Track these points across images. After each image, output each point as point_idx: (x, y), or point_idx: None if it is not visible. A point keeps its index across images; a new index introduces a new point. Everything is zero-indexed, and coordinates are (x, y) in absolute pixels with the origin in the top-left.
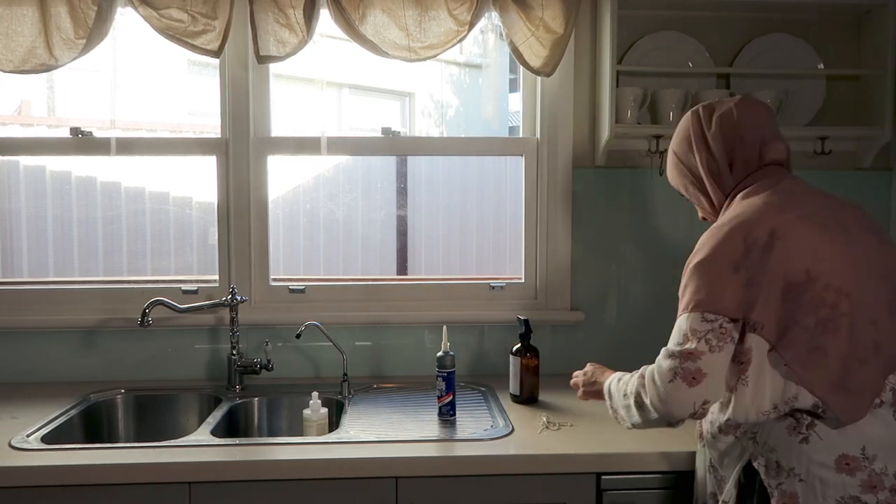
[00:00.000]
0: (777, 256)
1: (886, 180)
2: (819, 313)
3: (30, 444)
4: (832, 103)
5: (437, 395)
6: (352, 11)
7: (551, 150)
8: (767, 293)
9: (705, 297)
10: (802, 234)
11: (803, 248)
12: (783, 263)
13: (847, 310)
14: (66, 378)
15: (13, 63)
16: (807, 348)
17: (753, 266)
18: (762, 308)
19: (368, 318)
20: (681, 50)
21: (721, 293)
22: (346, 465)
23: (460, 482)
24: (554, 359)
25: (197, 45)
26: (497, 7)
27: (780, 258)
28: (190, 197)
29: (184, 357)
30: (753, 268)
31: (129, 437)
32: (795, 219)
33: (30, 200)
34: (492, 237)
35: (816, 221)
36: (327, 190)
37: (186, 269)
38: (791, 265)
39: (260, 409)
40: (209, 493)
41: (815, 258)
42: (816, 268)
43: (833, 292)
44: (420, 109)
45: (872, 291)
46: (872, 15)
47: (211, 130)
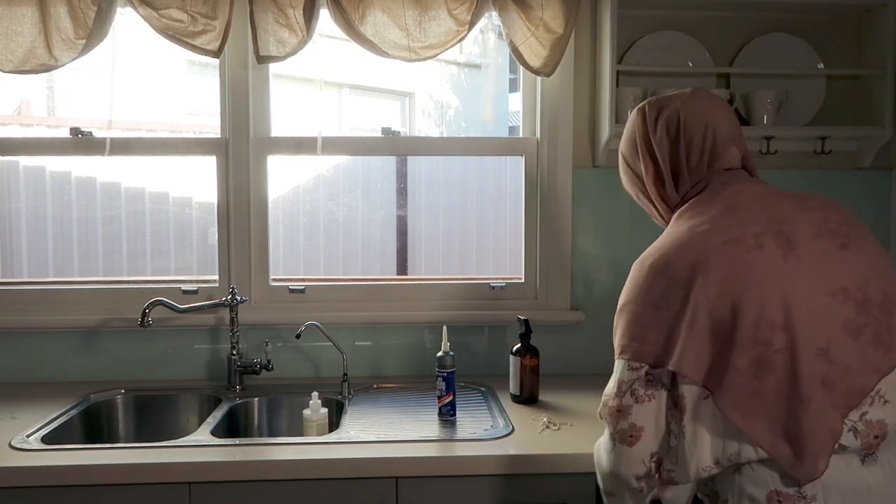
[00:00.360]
0: (698, 293)
1: (886, 180)
2: (751, 353)
3: (30, 444)
4: (832, 103)
5: (437, 395)
6: (352, 11)
7: (551, 150)
8: (691, 335)
9: (628, 342)
10: (727, 262)
11: (727, 279)
12: (706, 299)
13: (783, 344)
14: (66, 378)
15: (13, 63)
16: (744, 394)
17: (674, 305)
18: (687, 352)
19: (368, 318)
20: (681, 50)
21: (644, 338)
22: (346, 465)
23: (460, 482)
24: (554, 359)
25: (197, 45)
26: (497, 7)
27: (702, 294)
28: (190, 197)
29: (184, 357)
30: (674, 307)
31: (129, 438)
32: (720, 245)
33: (30, 200)
34: (492, 237)
35: (746, 244)
36: (327, 190)
37: (186, 269)
38: (715, 300)
39: (260, 409)
40: (209, 493)
41: (742, 289)
42: (743, 300)
43: (766, 326)
44: (420, 109)
45: (820, 315)
46: (872, 15)
47: (211, 130)
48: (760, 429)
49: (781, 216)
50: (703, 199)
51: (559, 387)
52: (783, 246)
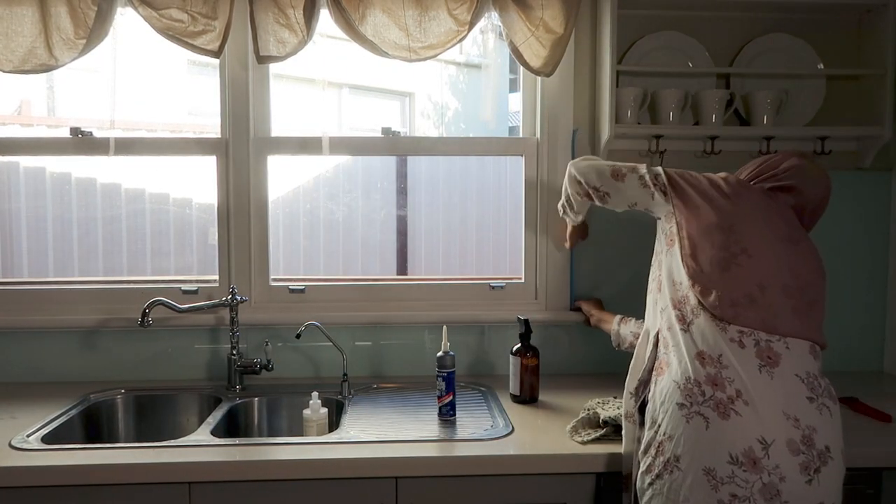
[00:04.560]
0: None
1: (886, 180)
2: (719, 253)
3: (30, 444)
4: (832, 103)
5: (437, 395)
6: (352, 11)
7: (551, 150)
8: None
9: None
10: (749, 208)
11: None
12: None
13: (742, 262)
14: (66, 378)
15: (13, 63)
16: (702, 261)
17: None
18: (691, 213)
19: (368, 318)
20: (681, 50)
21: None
22: (346, 465)
23: (460, 482)
24: (554, 359)
25: (197, 45)
26: (497, 7)
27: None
28: (190, 197)
29: (184, 357)
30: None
31: (129, 437)
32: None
33: (30, 201)
34: (492, 237)
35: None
36: (327, 190)
37: (186, 269)
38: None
39: (260, 409)
40: (209, 493)
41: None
42: (739, 227)
43: (740, 248)
44: (420, 109)
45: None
46: (872, 15)
47: (211, 130)
48: (702, 277)
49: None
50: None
51: (559, 387)
52: (788, 237)
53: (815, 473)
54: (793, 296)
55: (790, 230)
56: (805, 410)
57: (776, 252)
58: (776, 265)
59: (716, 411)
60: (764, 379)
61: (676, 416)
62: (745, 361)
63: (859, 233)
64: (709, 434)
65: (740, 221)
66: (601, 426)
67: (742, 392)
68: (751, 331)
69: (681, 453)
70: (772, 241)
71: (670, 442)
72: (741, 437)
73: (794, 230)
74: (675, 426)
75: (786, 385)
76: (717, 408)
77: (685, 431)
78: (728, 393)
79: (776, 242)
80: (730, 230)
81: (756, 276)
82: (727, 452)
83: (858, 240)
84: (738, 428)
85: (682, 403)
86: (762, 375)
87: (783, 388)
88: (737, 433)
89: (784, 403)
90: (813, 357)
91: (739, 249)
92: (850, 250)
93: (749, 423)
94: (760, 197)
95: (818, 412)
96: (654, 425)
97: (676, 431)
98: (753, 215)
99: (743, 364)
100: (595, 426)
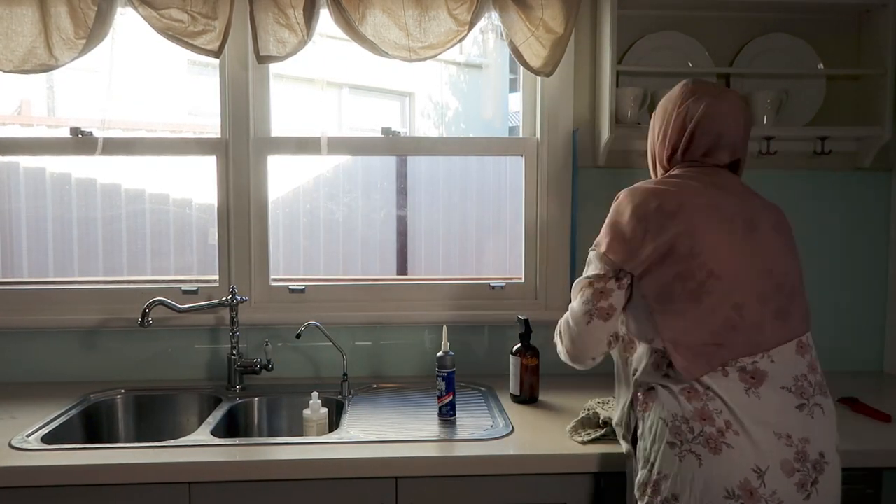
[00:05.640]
0: (674, 228)
1: (886, 180)
2: (687, 284)
3: (30, 444)
4: (832, 103)
5: (437, 395)
6: (352, 11)
7: (551, 150)
8: (653, 252)
9: (609, 243)
10: (704, 218)
11: (697, 229)
12: (675, 234)
13: (713, 289)
14: (66, 378)
15: (13, 63)
16: (672, 307)
17: (654, 227)
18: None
19: (368, 318)
20: (681, 50)
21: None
22: (346, 465)
23: (460, 482)
24: (554, 359)
25: (197, 45)
26: (497, 7)
27: (676, 229)
28: (190, 197)
29: (184, 357)
30: (654, 228)
31: (129, 437)
32: (705, 204)
33: (30, 201)
34: (492, 237)
35: (721, 211)
36: (327, 190)
37: (186, 269)
38: (681, 238)
39: (260, 409)
40: (209, 493)
41: (704, 240)
42: (699, 247)
43: (706, 271)
44: (420, 110)
45: (746, 281)
46: (872, 15)
47: (211, 130)
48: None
49: (751, 209)
50: (697, 171)
51: (559, 387)
52: (744, 225)
53: (812, 486)
54: (771, 299)
55: (744, 213)
56: (795, 422)
57: (742, 257)
58: (746, 274)
59: (707, 447)
60: (752, 401)
61: (668, 454)
62: (730, 389)
63: (859, 233)
64: (703, 471)
65: (698, 240)
66: (601, 426)
67: (731, 422)
68: (734, 360)
69: (678, 492)
70: (732, 245)
71: (666, 481)
72: (736, 470)
73: (745, 210)
74: (669, 465)
75: (774, 401)
76: (707, 443)
77: (679, 471)
78: (717, 425)
79: (737, 244)
80: (690, 253)
81: (729, 298)
82: (723, 488)
83: (858, 240)
84: (732, 461)
85: (672, 442)
86: (749, 399)
87: (771, 406)
88: (731, 467)
89: (774, 422)
90: (801, 354)
91: (706, 274)
92: (851, 250)
93: (741, 453)
94: (699, 194)
95: (809, 417)
96: (647, 464)
97: (671, 470)
98: (705, 225)
99: (729, 392)
100: (595, 426)
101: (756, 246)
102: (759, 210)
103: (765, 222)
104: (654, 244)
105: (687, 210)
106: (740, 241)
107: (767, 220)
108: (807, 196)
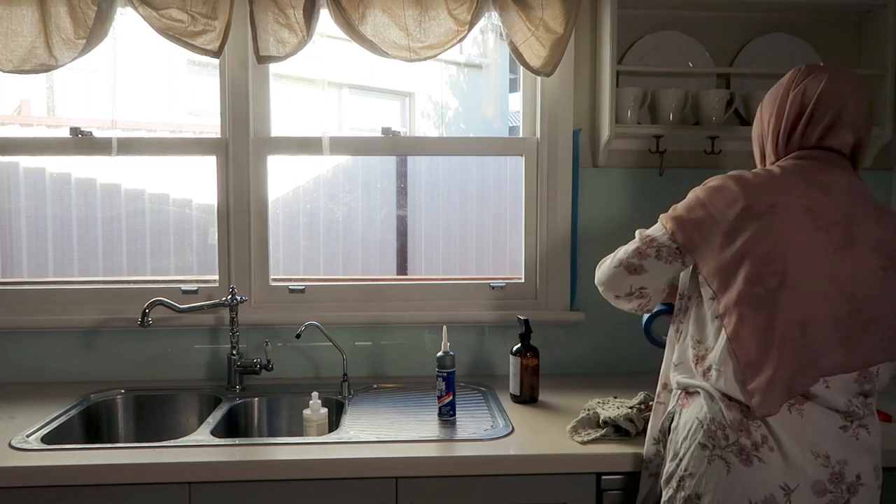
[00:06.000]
0: (756, 228)
1: (886, 180)
2: (754, 289)
3: (30, 444)
4: None
5: (437, 395)
6: (352, 11)
7: (551, 150)
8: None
9: (680, 219)
10: (792, 220)
11: (783, 231)
12: (756, 236)
13: (781, 298)
14: (66, 378)
15: (13, 63)
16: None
17: (733, 229)
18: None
19: (368, 318)
20: (681, 50)
21: (692, 226)
22: (346, 465)
23: (460, 482)
24: (554, 359)
25: (197, 45)
26: (497, 7)
27: (758, 230)
28: (190, 197)
29: (184, 357)
30: (732, 230)
31: (129, 437)
32: (800, 209)
33: (30, 201)
34: (492, 237)
35: (817, 218)
36: (327, 190)
37: (186, 269)
38: (761, 239)
39: (260, 409)
40: (209, 493)
41: (786, 246)
42: (778, 252)
43: (778, 279)
44: (420, 109)
45: (821, 299)
46: (872, 15)
47: (211, 130)
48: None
49: (855, 219)
50: (807, 163)
51: (559, 387)
52: (839, 238)
53: None
54: (843, 325)
55: (844, 223)
56: (836, 444)
57: (825, 273)
58: (823, 292)
59: (738, 457)
60: (793, 418)
61: (698, 454)
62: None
63: None
64: (729, 479)
65: (779, 244)
66: (601, 426)
67: (768, 437)
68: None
69: (702, 493)
70: (818, 259)
71: (691, 479)
72: (762, 485)
73: (847, 220)
74: (697, 465)
75: (817, 420)
76: (740, 454)
77: (706, 472)
78: (753, 438)
79: (824, 258)
80: (768, 258)
81: (796, 313)
82: (747, 500)
83: None
84: (761, 475)
85: (704, 444)
86: (791, 416)
87: (813, 425)
88: (759, 481)
89: (814, 442)
90: (860, 383)
91: (777, 283)
92: None
93: (772, 470)
94: (798, 194)
95: (853, 439)
96: (675, 458)
97: (698, 470)
98: (794, 231)
99: None
100: (595, 426)
101: (845, 263)
102: (865, 223)
103: (866, 238)
104: (731, 247)
105: (778, 211)
106: (829, 255)
107: (872, 235)
108: None
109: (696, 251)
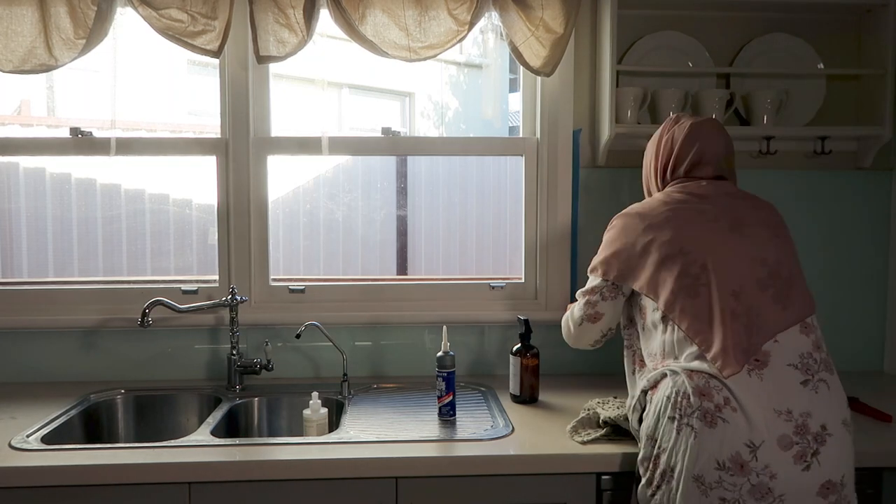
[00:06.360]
0: (661, 237)
1: (886, 180)
2: (684, 281)
3: (30, 444)
4: (832, 103)
5: (437, 395)
6: (352, 11)
7: (551, 150)
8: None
9: (604, 262)
10: (686, 220)
11: (683, 229)
12: (665, 241)
13: (709, 280)
14: (66, 378)
15: (13, 63)
16: (676, 306)
17: (641, 243)
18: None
19: (368, 318)
20: (681, 50)
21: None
22: (346, 465)
23: (460, 482)
24: (554, 359)
25: (197, 45)
26: (497, 7)
27: (664, 238)
28: (190, 197)
29: (184, 357)
30: (644, 243)
31: (129, 438)
32: (687, 209)
33: (30, 201)
34: (492, 237)
35: (704, 214)
36: (327, 190)
37: (186, 269)
38: (671, 243)
39: (260, 409)
40: (209, 493)
41: (692, 239)
42: (689, 245)
43: (699, 266)
44: (420, 109)
45: (741, 269)
46: (872, 15)
47: (211, 130)
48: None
49: (737, 209)
50: (682, 185)
51: (559, 387)
52: (734, 226)
53: (812, 457)
54: (768, 285)
55: (728, 213)
56: (798, 398)
57: (731, 249)
58: (738, 264)
59: (702, 421)
60: (754, 382)
61: (668, 428)
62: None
63: (859, 233)
64: (696, 443)
65: (687, 240)
66: (601, 426)
67: (730, 399)
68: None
69: (674, 463)
70: (720, 241)
71: (665, 454)
72: (728, 444)
73: (730, 210)
74: (668, 438)
75: (777, 379)
76: (704, 417)
77: (676, 443)
78: (716, 401)
79: (726, 240)
80: (681, 253)
81: (726, 287)
82: (714, 459)
83: (858, 240)
84: (725, 434)
85: (672, 417)
86: (752, 379)
87: (774, 385)
88: (724, 440)
89: (776, 400)
90: (805, 334)
91: (699, 269)
92: (850, 250)
93: (737, 429)
94: (683, 203)
95: (813, 392)
96: (650, 441)
97: (669, 443)
98: (691, 227)
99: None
100: (595, 426)
101: (744, 239)
102: (746, 209)
103: (752, 219)
104: (651, 259)
105: (673, 217)
106: (727, 237)
107: (755, 217)
108: (807, 196)
109: (627, 277)
